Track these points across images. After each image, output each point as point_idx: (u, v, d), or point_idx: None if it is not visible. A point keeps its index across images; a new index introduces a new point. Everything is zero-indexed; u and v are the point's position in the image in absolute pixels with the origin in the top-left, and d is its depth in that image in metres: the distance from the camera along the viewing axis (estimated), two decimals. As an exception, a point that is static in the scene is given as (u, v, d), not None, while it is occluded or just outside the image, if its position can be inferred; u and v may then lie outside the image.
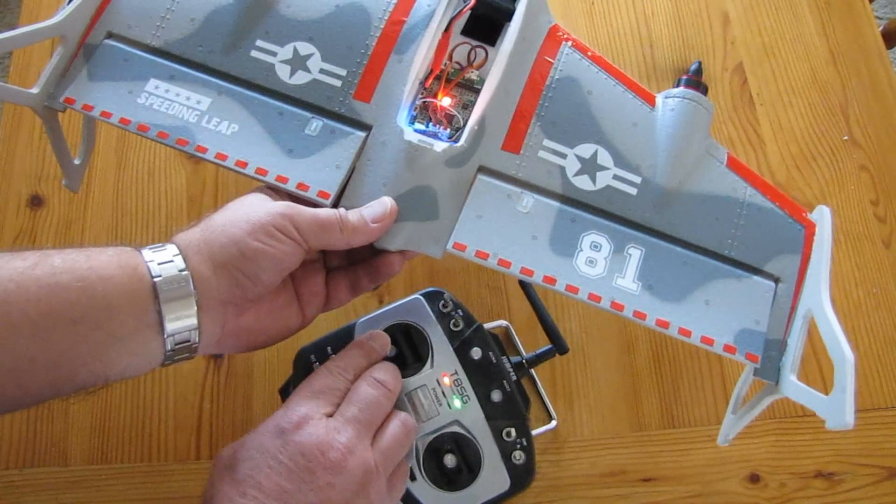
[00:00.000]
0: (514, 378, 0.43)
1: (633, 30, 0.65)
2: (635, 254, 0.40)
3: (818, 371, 0.53)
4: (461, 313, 0.44)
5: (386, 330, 0.43)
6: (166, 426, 0.51)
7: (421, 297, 0.44)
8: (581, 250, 0.40)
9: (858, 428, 0.51)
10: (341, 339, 0.43)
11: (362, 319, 0.44)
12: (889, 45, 0.82)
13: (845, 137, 0.61)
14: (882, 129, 0.61)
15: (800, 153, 0.60)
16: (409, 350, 0.43)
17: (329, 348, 0.43)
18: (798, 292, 0.40)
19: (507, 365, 0.43)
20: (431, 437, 0.41)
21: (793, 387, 0.37)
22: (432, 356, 0.42)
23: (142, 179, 0.59)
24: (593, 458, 0.51)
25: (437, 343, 0.43)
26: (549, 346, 0.48)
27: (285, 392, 0.45)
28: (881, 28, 0.76)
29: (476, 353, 0.43)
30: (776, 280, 0.41)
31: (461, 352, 0.43)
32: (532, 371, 0.52)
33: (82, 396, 0.34)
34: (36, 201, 0.58)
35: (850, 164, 0.60)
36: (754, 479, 0.50)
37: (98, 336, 0.32)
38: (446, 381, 0.42)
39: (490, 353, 0.43)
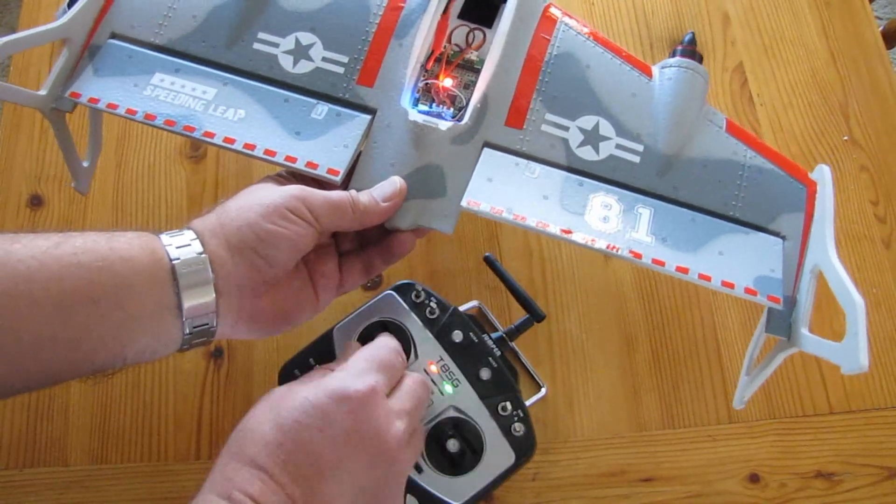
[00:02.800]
0: (499, 353, 0.43)
1: (633, 30, 0.65)
2: (645, 212, 0.41)
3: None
4: (434, 300, 0.44)
5: (364, 330, 0.43)
6: (166, 426, 0.51)
7: (392, 292, 0.44)
8: (592, 208, 0.41)
9: (858, 428, 0.51)
10: (321, 348, 0.43)
11: (339, 325, 0.44)
12: (889, 45, 0.82)
13: (845, 137, 0.61)
14: (882, 129, 0.61)
15: (800, 153, 0.60)
16: None
17: (311, 359, 0.43)
18: (804, 248, 0.41)
19: (490, 342, 0.44)
20: (430, 426, 0.41)
21: (805, 339, 0.38)
22: (415, 347, 0.43)
23: (142, 179, 0.59)
24: (593, 458, 0.51)
25: (417, 334, 0.43)
26: (526, 316, 0.49)
27: None
28: (881, 28, 0.76)
29: (457, 335, 0.43)
30: (782, 238, 0.42)
31: (442, 337, 0.43)
32: (513, 344, 0.51)
33: (100, 379, 0.34)
34: (36, 201, 0.58)
35: (850, 164, 0.60)
36: (754, 479, 0.50)
37: (117, 316, 0.32)
38: (433, 368, 0.42)
39: (471, 333, 0.43)
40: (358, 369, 0.36)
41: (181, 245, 0.35)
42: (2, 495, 0.49)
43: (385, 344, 0.39)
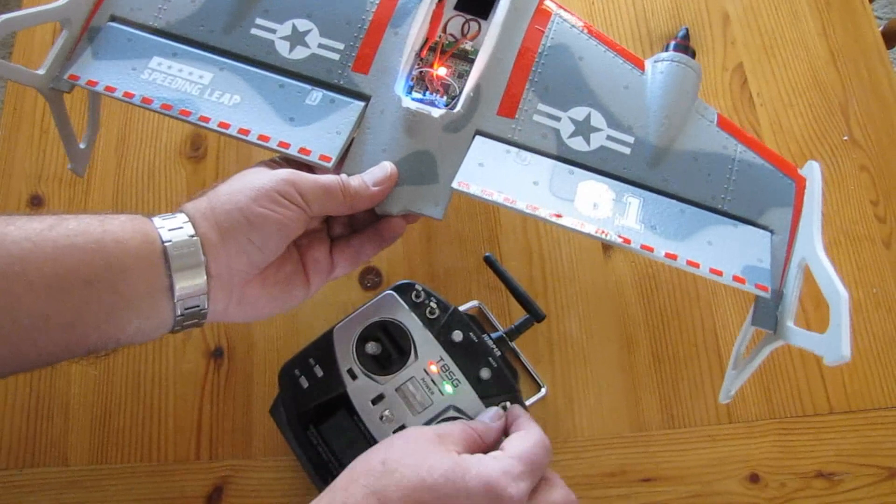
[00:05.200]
0: (499, 353, 0.44)
1: (633, 30, 0.65)
2: (635, 202, 0.42)
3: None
4: (434, 300, 0.44)
5: (364, 330, 0.43)
6: (166, 426, 0.51)
7: (392, 292, 0.44)
8: (582, 195, 0.41)
9: (858, 428, 0.51)
10: (321, 348, 0.43)
11: (339, 325, 0.44)
12: (889, 45, 0.81)
13: (845, 137, 0.61)
14: (882, 129, 0.61)
15: (800, 153, 0.60)
16: (391, 346, 0.43)
17: (311, 360, 0.43)
18: (791, 243, 0.42)
19: (490, 342, 0.44)
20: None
21: (791, 332, 0.38)
22: (415, 347, 0.43)
23: (142, 179, 0.59)
24: (593, 458, 0.50)
25: (417, 333, 0.43)
26: (526, 315, 0.49)
27: (276, 412, 0.45)
28: (881, 28, 0.76)
29: (457, 335, 0.43)
30: (771, 232, 0.42)
31: (442, 337, 0.43)
32: (513, 344, 0.51)
33: (93, 359, 0.35)
34: (36, 201, 0.58)
35: (850, 164, 0.60)
36: (754, 479, 0.50)
37: (111, 298, 0.33)
38: (433, 368, 0.42)
39: (471, 333, 0.43)
40: (518, 471, 0.35)
41: (173, 227, 0.35)
42: (2, 495, 0.49)
43: (544, 444, 0.37)
